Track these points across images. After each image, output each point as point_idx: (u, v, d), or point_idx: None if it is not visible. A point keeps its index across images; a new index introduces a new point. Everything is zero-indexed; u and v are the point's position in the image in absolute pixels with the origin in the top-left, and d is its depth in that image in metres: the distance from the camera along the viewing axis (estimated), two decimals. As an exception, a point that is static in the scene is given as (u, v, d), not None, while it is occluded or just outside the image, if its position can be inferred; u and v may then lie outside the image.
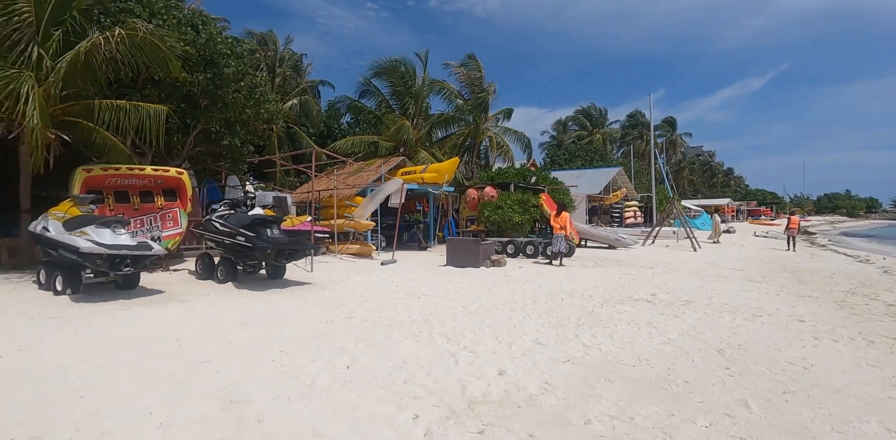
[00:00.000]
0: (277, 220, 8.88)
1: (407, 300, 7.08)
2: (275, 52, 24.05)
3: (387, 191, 12.67)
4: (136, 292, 7.80)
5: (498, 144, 24.09)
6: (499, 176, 19.27)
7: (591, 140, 49.64)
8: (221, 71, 12.20)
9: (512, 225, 15.28)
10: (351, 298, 7.30)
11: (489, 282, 8.89)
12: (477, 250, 11.02)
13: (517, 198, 15.63)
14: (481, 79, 23.87)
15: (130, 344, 4.77)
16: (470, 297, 7.27)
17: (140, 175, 10.70)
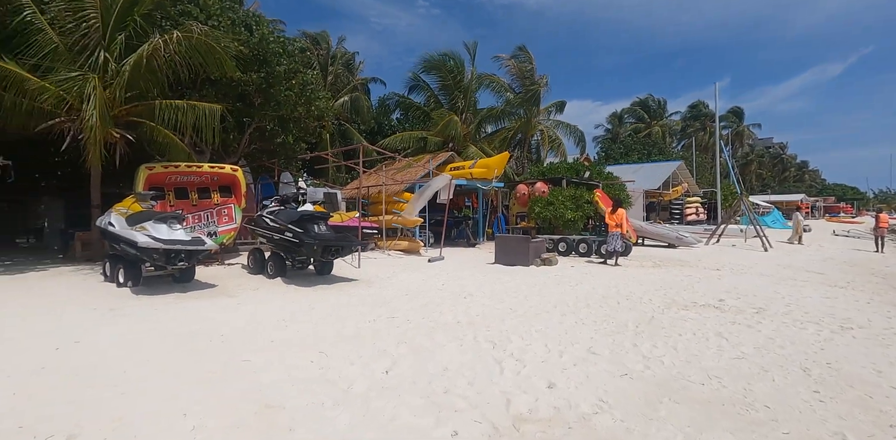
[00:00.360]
0: (325, 217, 8.88)
1: (452, 300, 6.84)
2: (327, 51, 24.48)
3: (435, 187, 12.47)
4: (191, 285, 8.03)
5: (550, 138, 23.37)
6: (550, 171, 18.65)
7: (648, 133, 47.37)
8: (273, 69, 12.43)
9: (564, 222, 14.70)
10: (395, 296, 7.15)
11: (539, 282, 8.48)
12: (527, 248, 10.60)
13: (570, 193, 15.01)
14: (532, 71, 23.20)
15: (178, 339, 4.81)
16: (518, 299, 6.91)
17: (198, 172, 11.07)
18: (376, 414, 3.14)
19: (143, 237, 7.24)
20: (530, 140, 24.60)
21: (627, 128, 50.66)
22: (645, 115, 50.24)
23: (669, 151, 44.18)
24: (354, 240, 8.69)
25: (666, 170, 28.52)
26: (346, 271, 9.79)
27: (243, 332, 5.05)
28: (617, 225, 10.94)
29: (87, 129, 8.15)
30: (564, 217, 14.52)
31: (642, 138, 44.27)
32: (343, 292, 7.53)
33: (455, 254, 13.80)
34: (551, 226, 16.10)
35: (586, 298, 6.97)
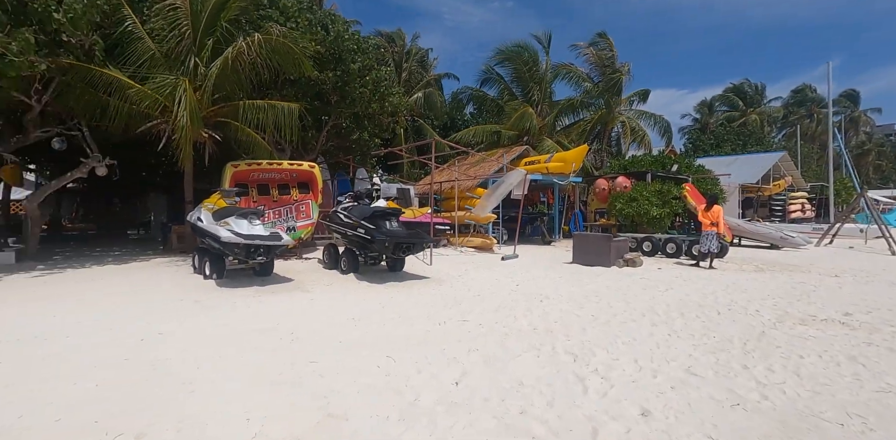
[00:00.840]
0: (397, 213, 8.78)
1: (527, 303, 6.40)
2: (402, 49, 24.68)
3: (509, 183, 12.01)
4: (269, 279, 8.26)
5: (632, 130, 21.90)
6: (633, 164, 17.43)
7: (744, 121, 43.24)
8: (348, 67, 12.58)
9: (648, 219, 13.62)
10: (467, 297, 6.84)
11: (623, 285, 7.78)
12: (608, 247, 9.86)
13: (655, 188, 13.87)
14: (613, 58, 21.85)
15: (252, 336, 4.83)
16: (600, 304, 6.33)
17: (278, 169, 11.46)
18: (444, 433, 2.83)
19: (225, 232, 7.52)
20: (610, 132, 23.23)
21: (719, 116, 46.59)
22: (740, 103, 45.89)
23: (768, 142, 40.02)
24: (426, 237, 8.50)
25: (766, 162, 25.76)
26: (418, 268, 9.66)
27: (314, 332, 4.98)
28: (712, 223, 9.85)
29: (178, 129, 8.64)
30: (649, 214, 13.44)
31: (736, 128, 40.45)
32: (413, 291, 7.36)
33: (529, 252, 13.26)
34: (634, 224, 15.03)
35: (679, 306, 6.23)
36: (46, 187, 9.36)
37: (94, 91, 9.00)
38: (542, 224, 15.67)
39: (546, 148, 18.04)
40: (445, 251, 12.98)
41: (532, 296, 6.81)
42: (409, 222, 13.00)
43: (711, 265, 9.88)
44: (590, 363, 4.06)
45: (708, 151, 35.12)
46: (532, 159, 15.41)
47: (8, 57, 7.32)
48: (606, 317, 5.60)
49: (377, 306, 6.22)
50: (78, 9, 7.71)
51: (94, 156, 9.50)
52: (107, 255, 11.71)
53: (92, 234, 19.85)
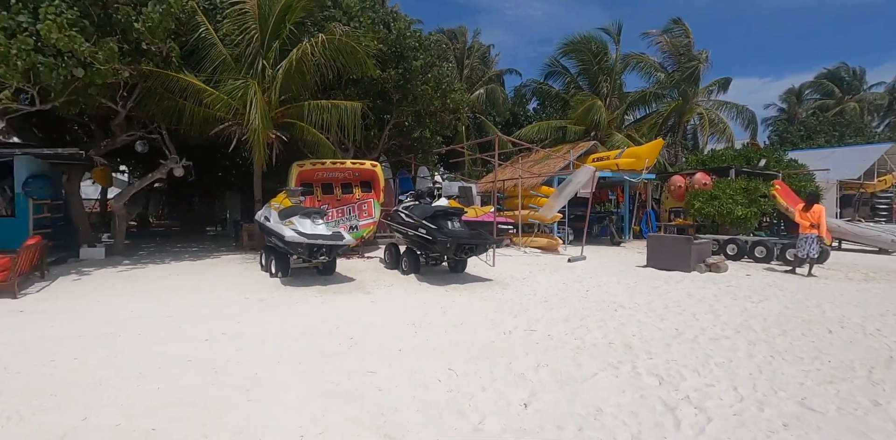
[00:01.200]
0: (459, 213, 8.49)
1: (600, 312, 5.88)
2: (463, 45, 24.38)
3: (577, 181, 11.36)
4: (332, 278, 8.27)
5: (710, 122, 20.24)
6: (713, 159, 16.07)
7: (840, 110, 38.88)
8: (410, 64, 12.45)
9: (732, 219, 12.43)
10: (533, 303, 6.42)
11: (708, 294, 7.01)
12: (688, 250, 9.03)
13: (740, 186, 12.63)
14: (689, 46, 20.32)
15: (311, 339, 4.73)
16: (684, 316, 5.69)
17: (341, 168, 11.55)
18: (514, 470, 2.49)
19: (289, 231, 7.57)
20: (686, 125, 21.64)
21: (810, 105, 42.32)
22: (835, 89, 41.34)
23: (870, 132, 35.77)
24: (489, 238, 8.15)
25: (869, 155, 22.91)
26: (480, 270, 9.34)
27: (373, 338, 4.80)
28: (812, 225, 8.71)
29: (251, 131, 8.85)
30: (733, 214, 12.25)
31: (831, 118, 36.49)
32: (476, 295, 7.04)
33: (597, 254, 12.54)
34: (714, 225, 13.81)
35: (780, 322, 5.46)
36: (131, 188, 10.00)
37: (171, 96, 9.44)
38: (611, 224, 14.81)
39: (615, 143, 17.05)
40: (508, 251, 12.55)
41: (605, 305, 6.28)
42: (471, 221, 12.70)
43: (811, 272, 8.76)
44: (679, 388, 3.55)
45: (797, 144, 31.96)
46: (600, 155, 14.57)
47: (95, 65, 7.77)
48: (693, 332, 4.99)
49: (438, 310, 5.97)
50: (155, 18, 8.06)
51: (172, 158, 10.00)
52: (185, 251, 12.36)
53: (175, 231, 21.26)
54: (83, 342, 4.59)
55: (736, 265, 10.22)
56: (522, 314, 5.78)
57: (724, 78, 21.66)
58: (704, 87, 21.40)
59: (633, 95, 20.33)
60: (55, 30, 7.03)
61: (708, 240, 10.25)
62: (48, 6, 7.27)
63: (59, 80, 7.59)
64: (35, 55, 7.27)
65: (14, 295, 6.76)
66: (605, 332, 4.98)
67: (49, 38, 7.05)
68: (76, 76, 7.78)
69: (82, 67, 7.72)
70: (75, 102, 8.68)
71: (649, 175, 14.85)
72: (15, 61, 7.08)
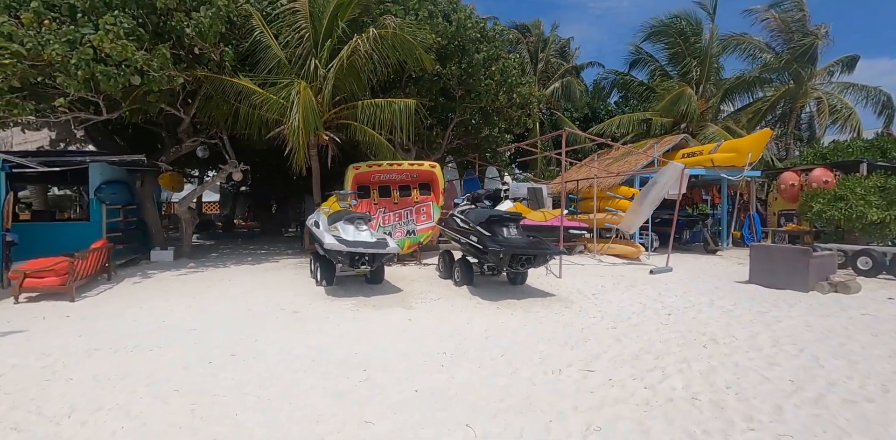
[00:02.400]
0: (517, 218, 7.49)
1: (683, 347, 4.63)
2: (538, 38, 23.05)
3: (663, 182, 9.82)
4: (377, 289, 7.70)
5: (831, 108, 17.15)
6: (835, 152, 13.48)
7: None
8: (472, 58, 11.61)
9: (863, 225, 10.13)
10: (599, 330, 5.29)
11: (836, 326, 5.40)
12: (805, 264, 7.27)
13: (875, 183, 10.27)
14: (804, 20, 17.40)
15: (322, 367, 4.08)
16: (802, 358, 4.27)
17: (399, 170, 11.02)
18: None
19: (329, 238, 7.07)
20: (799, 113, 18.61)
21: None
22: None
23: None
24: (551, 248, 7.06)
25: None
26: (544, 281, 8.30)
27: (391, 371, 4.02)
28: None
29: (290, 132, 8.52)
30: (865, 218, 9.96)
31: None
32: (531, 315, 6.03)
33: (688, 265, 10.86)
34: (839, 232, 11.45)
35: None
36: (193, 192, 10.21)
37: (227, 100, 9.41)
38: (705, 228, 12.87)
39: (709, 136, 14.88)
40: (581, 259, 11.27)
41: (692, 336, 4.98)
42: (539, 226, 11.60)
43: None
44: (800, 491, 2.36)
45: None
46: (692, 150, 12.69)
47: (151, 73, 7.82)
48: (817, 388, 3.63)
49: (480, 335, 5.06)
50: (205, 22, 7.97)
51: (231, 162, 10.04)
52: (252, 254, 12.51)
53: (257, 232, 22.23)
54: (92, 360, 4.29)
55: (871, 283, 8.16)
56: (581, 345, 4.70)
57: (850, 55, 18.31)
58: (824, 68, 18.25)
59: (731, 81, 17.75)
60: (107, 40, 7.09)
61: (833, 251, 8.29)
62: (108, 17, 7.40)
63: (117, 88, 7.71)
64: (95, 65, 7.42)
65: (72, 298, 6.90)
66: (688, 380, 3.78)
67: (102, 47, 7.12)
68: (134, 84, 7.89)
69: (139, 75, 7.80)
70: (139, 110, 8.89)
71: (753, 172, 12.70)
72: (75, 71, 7.25)
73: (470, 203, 8.68)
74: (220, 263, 10.69)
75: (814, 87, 18.03)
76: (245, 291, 7.53)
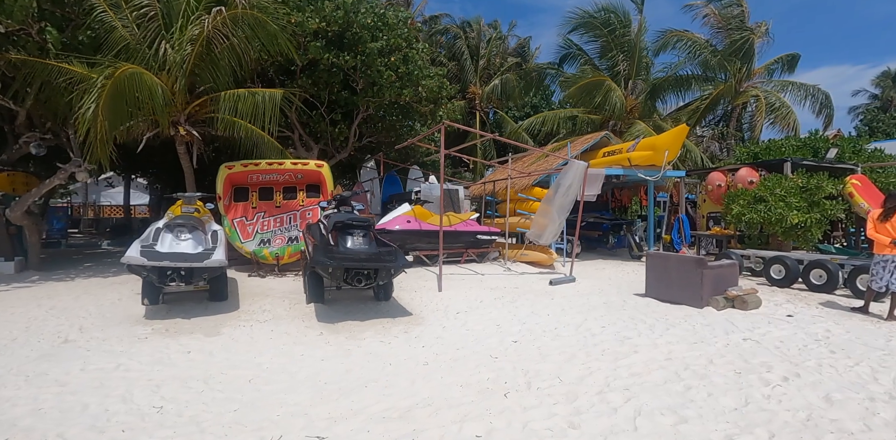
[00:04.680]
0: (365, 225, 6.32)
1: (483, 395, 3.51)
2: (477, 34, 22.07)
3: (567, 184, 8.80)
4: (213, 306, 6.54)
5: (770, 106, 16.57)
6: (768, 151, 12.76)
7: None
8: (366, 46, 10.46)
9: (784, 228, 9.32)
10: (406, 367, 4.15)
11: (706, 356, 4.35)
12: (699, 276, 6.30)
13: (796, 184, 9.48)
14: (743, 16, 16.86)
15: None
16: (623, 413, 3.18)
17: (280, 170, 9.77)
18: None
19: (132, 250, 5.80)
20: (740, 111, 18.04)
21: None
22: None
23: None
24: (398, 260, 5.90)
25: None
26: (420, 296, 7.22)
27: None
28: (894, 241, 5.69)
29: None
30: (785, 221, 9.14)
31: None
32: (352, 343, 4.89)
33: (603, 272, 9.93)
34: (763, 236, 10.69)
35: (861, 420, 2.87)
36: (28, 195, 8.75)
37: (60, 89, 8.00)
38: (630, 233, 11.96)
39: (636, 134, 14.04)
40: (487, 268, 10.19)
41: (509, 377, 3.87)
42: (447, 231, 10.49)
43: (893, 313, 5.74)
44: None
45: (892, 134, 26.74)
46: (612, 149, 11.78)
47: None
48: None
49: (241, 378, 3.86)
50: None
51: (74, 161, 8.62)
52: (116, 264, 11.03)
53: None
54: None
55: (780, 295, 7.26)
56: (353, 395, 3.53)
57: (790, 54, 17.85)
58: (763, 66, 17.75)
59: (663, 78, 16.91)
60: None
61: (734, 261, 7.35)
62: None
63: None
64: None
65: None
66: None
67: None
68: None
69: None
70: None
71: (677, 172, 11.85)
72: None
73: (335, 207, 7.50)
74: (70, 276, 9.22)
75: (753, 85, 17.49)
76: (37, 316, 6.15)
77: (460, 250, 10.78)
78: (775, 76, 17.86)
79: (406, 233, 9.91)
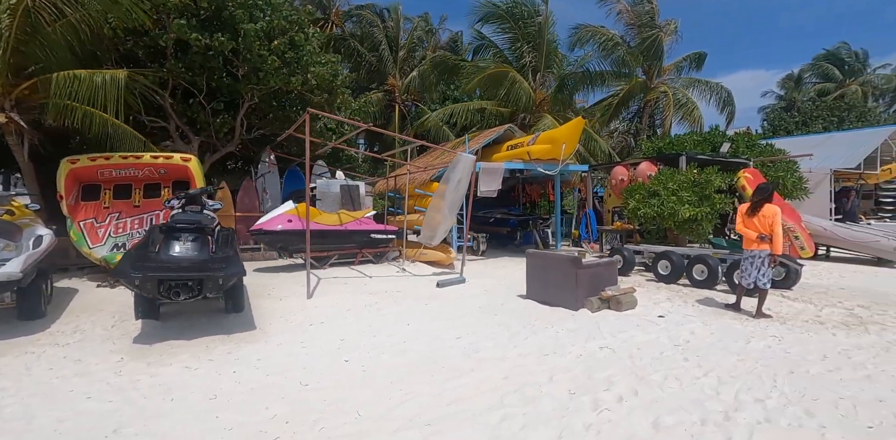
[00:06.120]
0: (198, 228, 5.42)
1: (299, 435, 2.81)
2: (396, 24, 21.22)
3: (456, 179, 8.26)
4: (22, 326, 5.34)
5: (677, 102, 16.97)
6: (672, 145, 12.88)
7: (841, 94, 35.43)
8: (244, 28, 9.39)
9: (677, 223, 9.27)
10: (212, 405, 3.36)
11: (548, 373, 3.88)
12: (573, 277, 5.90)
13: (688, 178, 9.46)
14: (653, 13, 17.09)
15: None
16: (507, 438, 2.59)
17: (137, 164, 8.55)
18: None
19: None
20: (652, 107, 18.41)
21: (808, 90, 38.87)
22: (836, 72, 37.78)
23: (875, 118, 32.19)
24: (229, 268, 5.04)
25: (871, 139, 19.50)
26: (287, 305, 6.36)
27: None
28: (761, 236, 5.53)
29: None
30: (677, 216, 9.09)
31: (832, 102, 32.92)
32: (156, 373, 4.01)
33: (500, 271, 9.50)
34: (662, 230, 10.69)
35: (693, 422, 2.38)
36: None
37: None
38: (535, 229, 11.67)
39: (542, 128, 13.83)
40: (380, 270, 9.50)
41: (312, 410, 3.19)
42: (333, 231, 9.68)
43: (760, 311, 5.59)
44: None
45: (792, 132, 28.61)
46: (515, 142, 11.43)
47: None
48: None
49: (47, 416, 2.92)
50: None
51: None
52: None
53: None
54: None
55: (663, 292, 7.07)
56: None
57: (697, 52, 18.40)
58: (673, 63, 18.17)
59: (573, 72, 16.88)
60: None
61: (613, 259, 7.08)
62: None
63: None
64: None
65: None
66: None
67: None
68: None
69: None
70: None
71: (580, 166, 11.69)
72: None
73: (180, 206, 6.49)
74: None
75: (663, 82, 17.85)
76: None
77: (354, 251, 10.02)
78: (683, 74, 18.36)
79: (288, 234, 9.01)
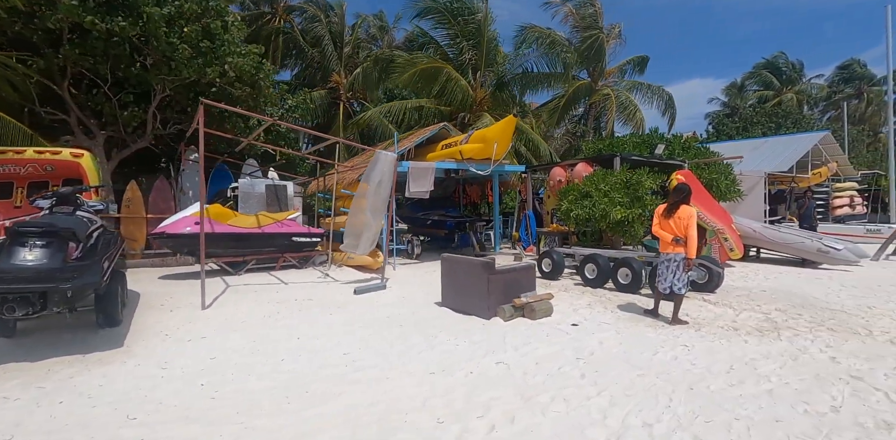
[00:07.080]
0: (49, 233, 4.68)
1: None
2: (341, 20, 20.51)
3: (377, 180, 7.75)
4: None
5: (620, 105, 17.07)
6: (610, 147, 12.84)
7: (778, 101, 37.22)
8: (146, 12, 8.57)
9: (610, 225, 9.09)
10: None
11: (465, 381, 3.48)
12: (484, 283, 5.50)
13: (620, 179, 9.31)
14: (596, 16, 17.13)
15: None
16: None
17: (17, 160, 7.63)
18: None
19: None
20: (598, 110, 18.48)
21: (750, 97, 40.62)
22: (774, 81, 39.65)
23: (808, 124, 33.87)
24: (83, 277, 4.35)
25: (802, 144, 20.33)
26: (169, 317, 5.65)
27: None
28: (676, 239, 5.31)
29: None
30: (609, 217, 8.90)
31: (771, 109, 34.43)
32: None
33: (430, 276, 9.04)
34: (597, 232, 10.54)
35: None
36: None
37: None
38: (472, 231, 11.31)
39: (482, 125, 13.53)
40: (304, 276, 8.88)
41: None
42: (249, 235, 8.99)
43: (677, 316, 5.36)
44: None
45: (734, 136, 29.65)
46: (450, 141, 11.04)
47: None
48: None
49: None
50: None
51: None
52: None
53: None
54: None
55: (586, 297, 6.80)
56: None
57: (641, 56, 18.64)
58: (617, 66, 18.30)
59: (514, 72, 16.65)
60: None
61: (529, 263, 6.74)
62: None
63: None
64: None
65: None
66: None
67: None
68: None
69: None
70: None
71: (516, 166, 11.44)
72: None
73: (49, 207, 5.70)
74: None
75: (607, 84, 17.95)
76: None
77: (274, 255, 9.34)
78: (627, 77, 18.56)
79: (194, 238, 8.25)
